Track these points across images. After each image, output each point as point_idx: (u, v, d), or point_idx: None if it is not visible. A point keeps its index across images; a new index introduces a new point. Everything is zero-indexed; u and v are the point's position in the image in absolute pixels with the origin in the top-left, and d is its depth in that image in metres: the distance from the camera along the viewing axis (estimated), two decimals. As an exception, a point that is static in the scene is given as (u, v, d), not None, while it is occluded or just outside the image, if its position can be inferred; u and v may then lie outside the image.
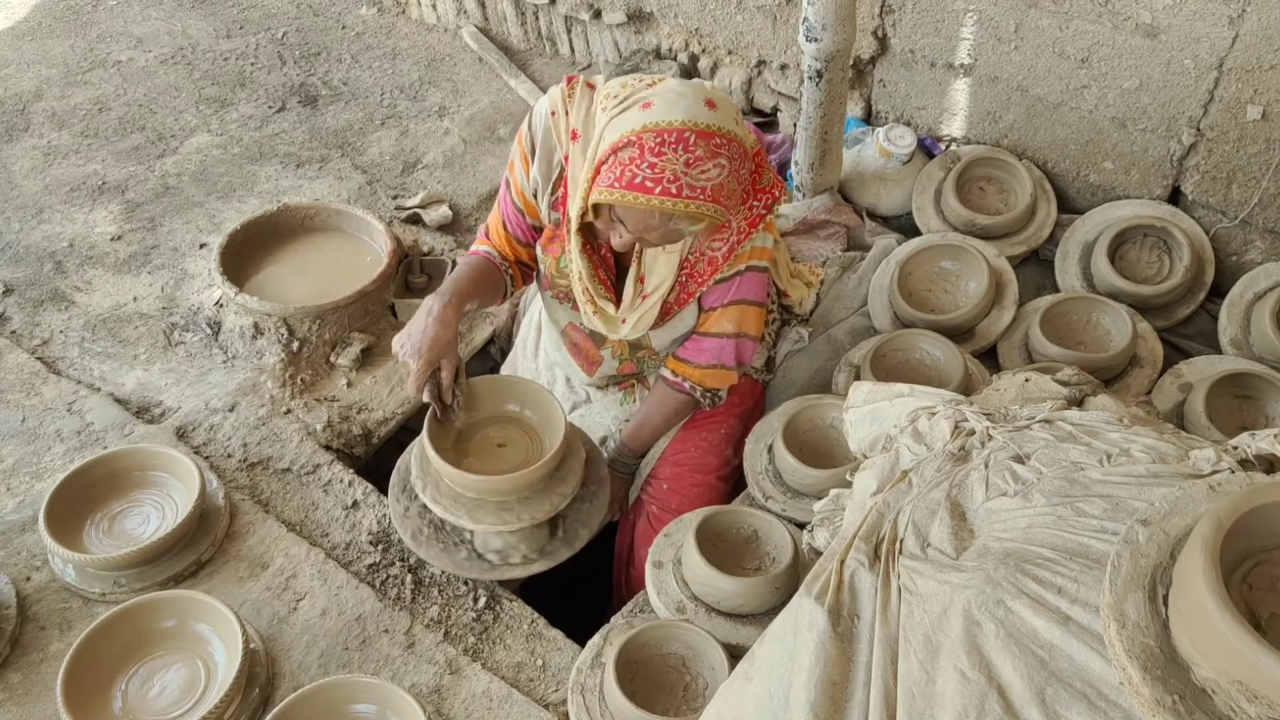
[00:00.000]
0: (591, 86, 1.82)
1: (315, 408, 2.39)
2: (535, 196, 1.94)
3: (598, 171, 1.69)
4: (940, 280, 2.53)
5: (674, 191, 1.61)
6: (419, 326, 1.86)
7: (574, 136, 1.80)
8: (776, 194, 1.89)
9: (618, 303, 1.95)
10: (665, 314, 1.99)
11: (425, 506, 1.94)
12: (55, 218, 2.95)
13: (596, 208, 1.75)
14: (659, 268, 1.91)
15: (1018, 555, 1.33)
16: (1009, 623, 1.26)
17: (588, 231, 1.88)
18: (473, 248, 2.10)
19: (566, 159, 1.84)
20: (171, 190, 3.07)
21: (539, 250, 2.04)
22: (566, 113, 1.82)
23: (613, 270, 1.97)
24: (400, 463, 2.05)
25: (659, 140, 1.62)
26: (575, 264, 1.90)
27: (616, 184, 1.64)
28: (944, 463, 1.57)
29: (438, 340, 1.86)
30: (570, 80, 1.84)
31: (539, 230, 2.01)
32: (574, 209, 1.82)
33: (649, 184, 1.61)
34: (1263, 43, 2.22)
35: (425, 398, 1.88)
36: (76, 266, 2.79)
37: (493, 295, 2.04)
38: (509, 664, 1.93)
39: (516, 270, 2.07)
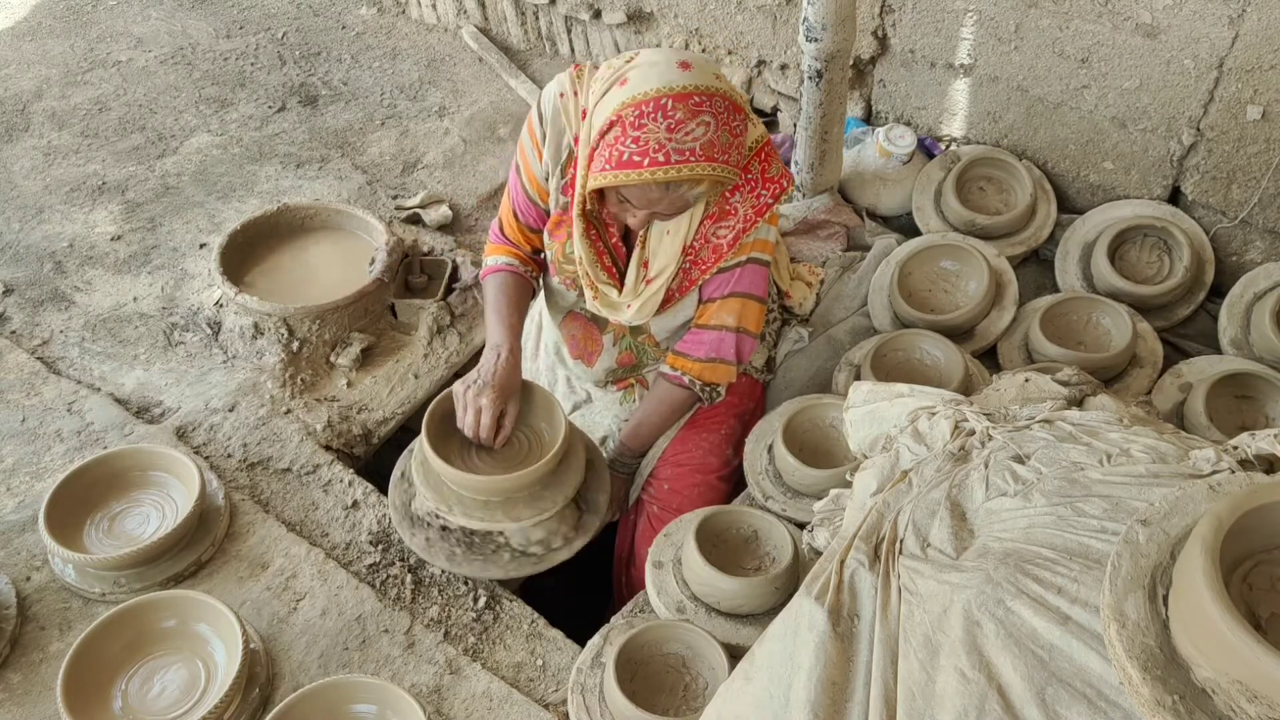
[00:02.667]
0: (598, 68, 1.84)
1: (315, 408, 2.39)
2: (547, 180, 1.95)
3: (592, 158, 1.71)
4: (940, 280, 2.53)
5: (662, 160, 1.62)
6: (488, 368, 1.89)
7: (583, 115, 1.81)
8: (785, 184, 1.90)
9: (621, 287, 1.96)
10: (668, 300, 1.99)
11: (445, 529, 1.96)
12: (55, 218, 2.95)
13: (603, 193, 1.77)
14: (663, 252, 1.91)
15: (1018, 555, 1.33)
16: (1009, 623, 1.26)
17: (592, 218, 1.89)
18: (489, 260, 2.10)
19: (576, 140, 1.84)
20: (171, 190, 3.07)
21: (545, 236, 2.04)
22: (576, 93, 1.84)
23: (621, 256, 1.97)
24: (397, 499, 2.03)
25: (638, 114, 1.63)
26: (579, 251, 1.91)
27: (608, 166, 1.66)
28: (944, 463, 1.57)
29: (510, 382, 1.91)
30: (578, 65, 1.87)
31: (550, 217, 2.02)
32: (575, 197, 1.83)
33: (636, 159, 1.63)
34: (1263, 43, 2.22)
35: (482, 435, 1.88)
36: (76, 266, 2.79)
37: (528, 305, 2.12)
38: (509, 664, 1.93)
39: (535, 266, 2.11)
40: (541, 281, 2.18)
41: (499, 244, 2.11)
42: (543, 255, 2.10)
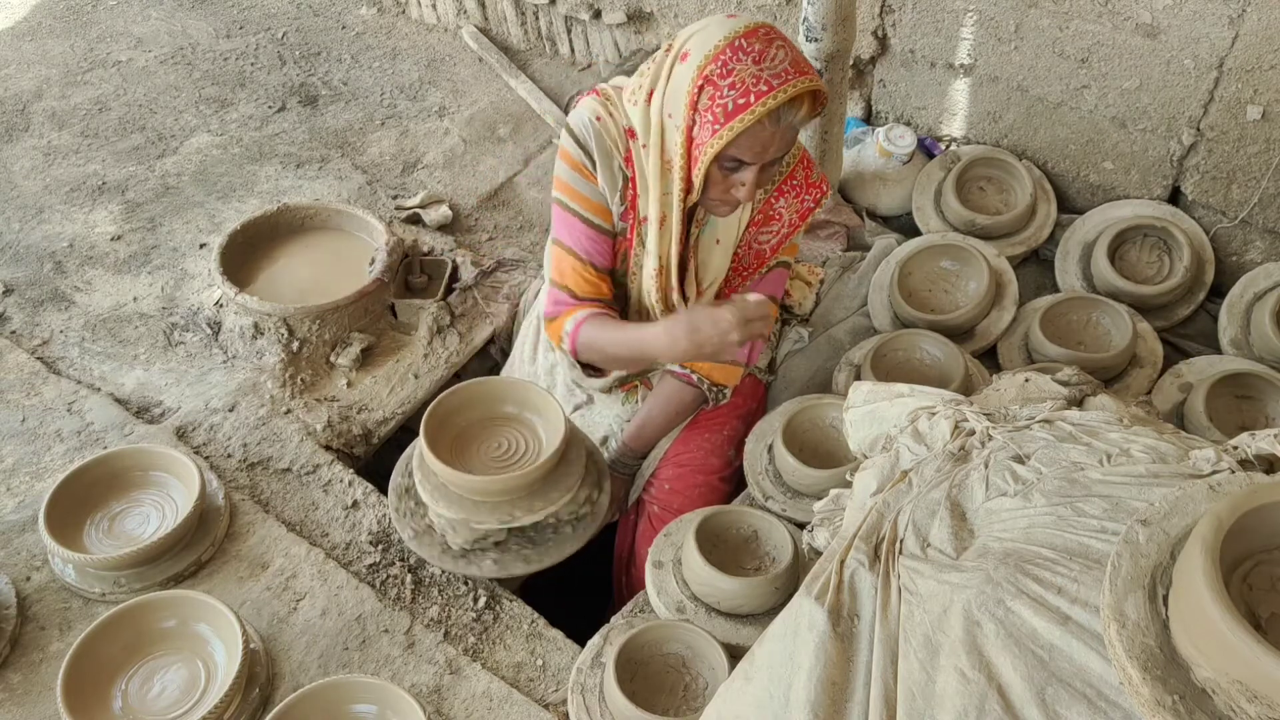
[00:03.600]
0: (617, 90, 1.84)
1: (315, 408, 2.39)
2: (609, 203, 1.89)
3: (691, 138, 1.69)
4: (940, 280, 2.53)
5: (765, 90, 1.61)
6: (705, 325, 1.74)
7: (630, 134, 1.80)
8: (825, 189, 1.92)
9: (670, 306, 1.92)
10: None
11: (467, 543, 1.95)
12: (55, 218, 2.95)
13: (708, 173, 1.73)
14: (714, 261, 1.91)
15: (1018, 555, 1.33)
16: (1009, 623, 1.26)
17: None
18: (567, 324, 1.93)
19: (628, 159, 1.82)
20: (171, 190, 3.07)
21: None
22: (611, 115, 1.82)
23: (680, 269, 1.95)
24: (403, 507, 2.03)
25: (720, 65, 1.63)
26: (659, 249, 1.83)
27: (719, 124, 1.64)
28: (944, 463, 1.57)
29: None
30: (596, 91, 1.85)
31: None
32: (649, 207, 1.80)
33: (741, 101, 1.62)
34: (1263, 43, 2.22)
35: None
36: (76, 266, 2.79)
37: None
38: (509, 664, 1.93)
39: (615, 311, 1.98)
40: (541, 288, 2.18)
41: (567, 308, 1.93)
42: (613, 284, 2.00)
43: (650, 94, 1.75)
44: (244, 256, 2.63)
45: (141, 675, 1.79)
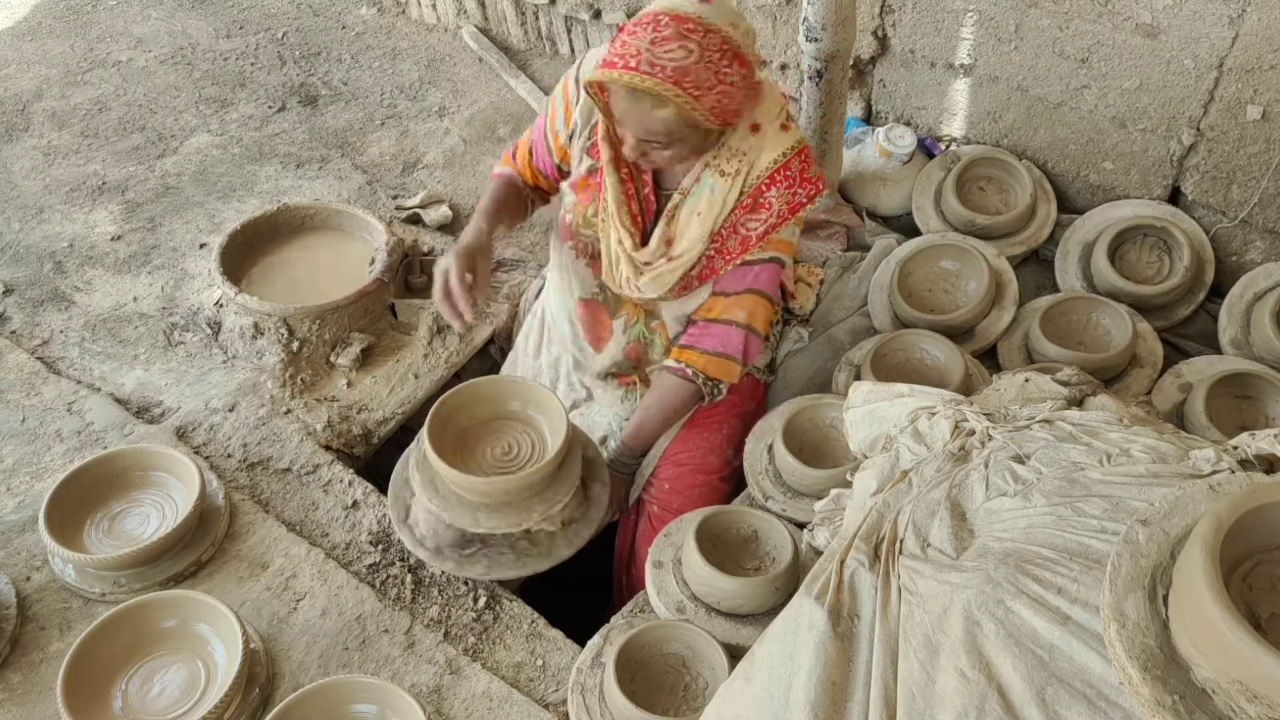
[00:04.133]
0: None
1: (315, 408, 2.39)
2: (570, 140, 2.00)
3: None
4: (940, 280, 2.53)
5: (633, 65, 1.66)
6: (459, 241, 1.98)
7: None
8: (820, 186, 1.93)
9: (641, 242, 1.99)
10: (685, 286, 2.01)
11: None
12: (55, 218, 2.95)
13: (612, 122, 1.83)
14: (690, 232, 1.93)
15: (1018, 555, 1.33)
16: (1009, 623, 1.26)
17: (630, 166, 1.94)
18: (497, 169, 2.21)
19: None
20: (171, 190, 3.07)
21: (568, 195, 2.09)
22: None
23: (650, 212, 1.99)
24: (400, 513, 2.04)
25: (635, 23, 1.70)
26: (607, 183, 1.94)
27: (599, 66, 1.72)
28: (944, 463, 1.57)
29: (477, 244, 1.96)
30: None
31: (560, 172, 2.10)
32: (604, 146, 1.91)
33: (616, 60, 1.68)
34: (1263, 43, 2.22)
35: (453, 290, 1.90)
36: (76, 266, 2.79)
37: (518, 215, 2.19)
38: (509, 664, 1.93)
39: (536, 195, 2.20)
40: (549, 267, 2.19)
41: (508, 162, 2.20)
42: (543, 193, 2.20)
43: None
44: (244, 256, 2.63)
45: (141, 675, 1.79)
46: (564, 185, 2.11)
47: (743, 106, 1.79)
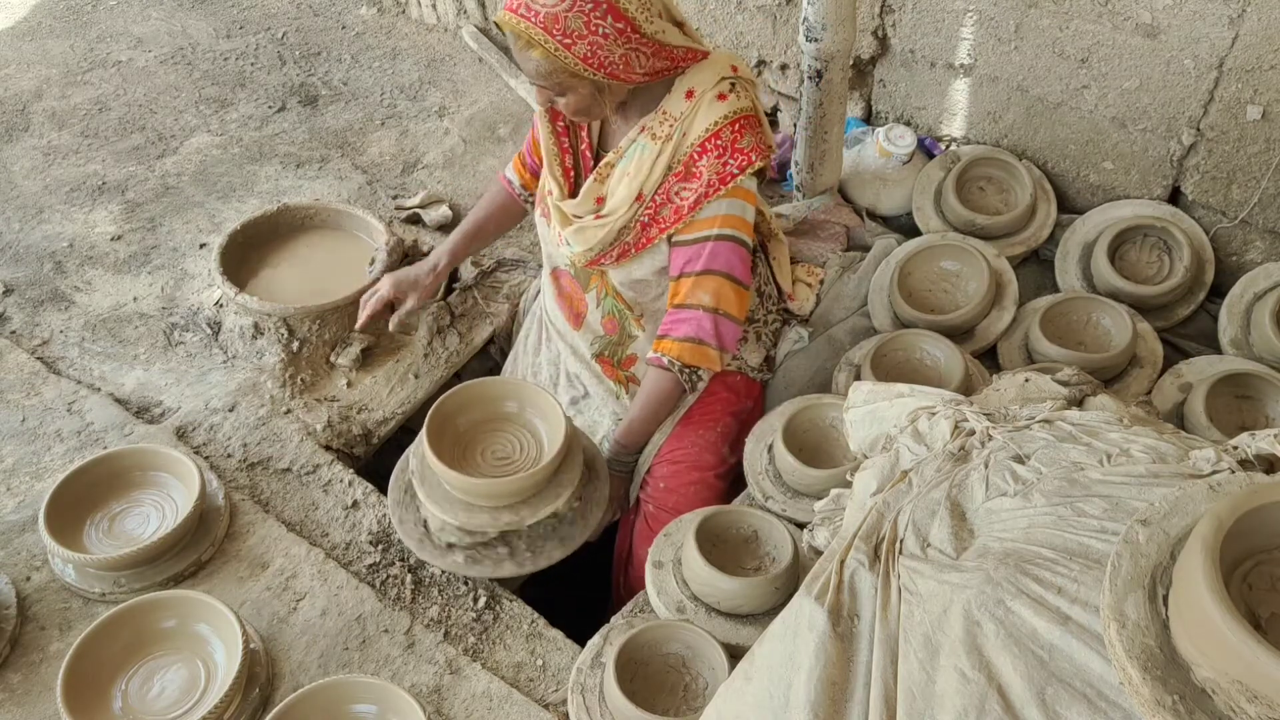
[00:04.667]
0: None
1: (315, 408, 2.39)
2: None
3: None
4: (940, 280, 2.53)
5: (514, 8, 1.76)
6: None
7: None
8: (754, 158, 1.93)
9: (571, 193, 2.09)
10: (624, 254, 2.05)
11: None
12: (55, 218, 2.95)
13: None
14: (619, 192, 1.99)
15: (1018, 555, 1.33)
16: (1009, 623, 1.26)
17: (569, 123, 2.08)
18: (505, 172, 2.41)
19: None
20: (171, 190, 3.07)
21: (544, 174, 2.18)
22: None
23: (588, 168, 2.09)
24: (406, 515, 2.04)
25: None
26: (540, 131, 2.08)
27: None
28: (944, 463, 1.57)
29: (411, 277, 2.37)
30: None
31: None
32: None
33: (509, 2, 1.78)
34: (1263, 43, 2.22)
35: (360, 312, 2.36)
36: (76, 266, 2.79)
37: (504, 226, 2.49)
38: (509, 664, 1.93)
39: (532, 199, 2.36)
40: (539, 286, 2.22)
41: (516, 162, 2.37)
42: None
43: None
44: (244, 256, 2.63)
45: (141, 675, 1.79)
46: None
47: (628, 61, 1.82)
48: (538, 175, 2.25)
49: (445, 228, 2.93)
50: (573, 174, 2.10)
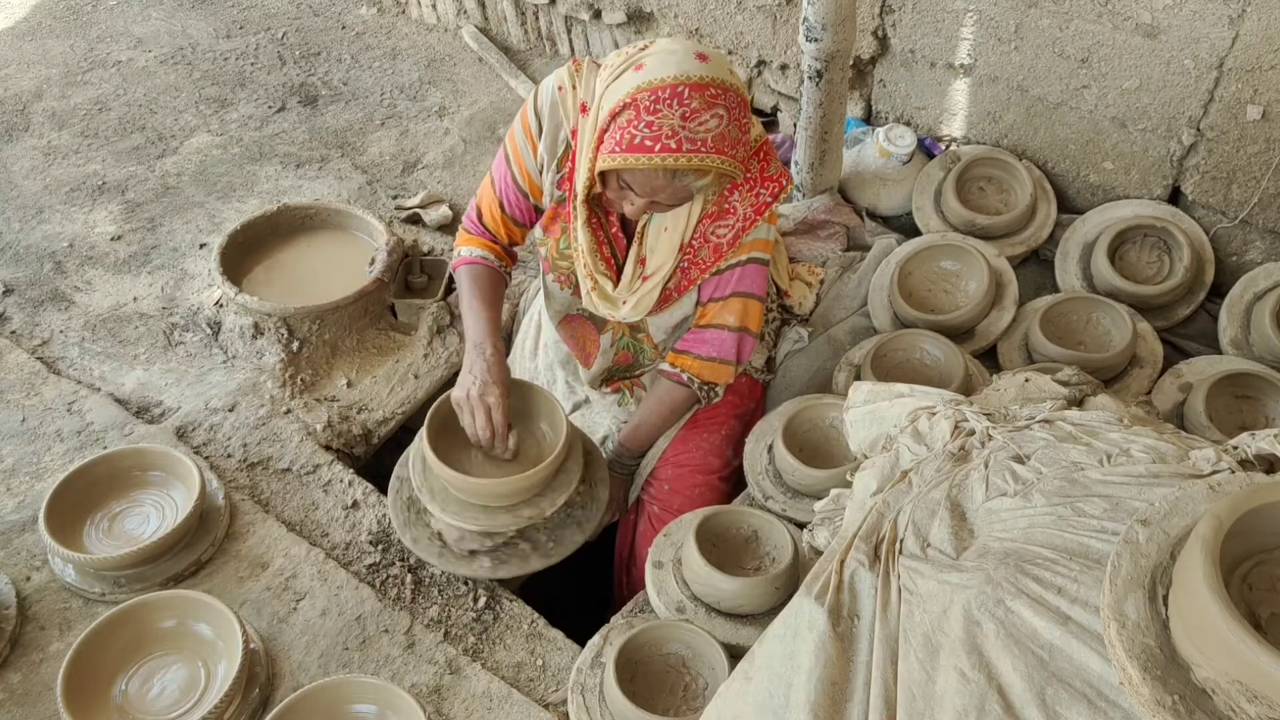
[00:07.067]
0: (598, 64, 1.83)
1: (315, 408, 2.39)
2: (541, 174, 1.95)
3: (600, 140, 1.71)
4: (940, 280, 2.53)
5: (674, 147, 1.62)
6: (481, 367, 1.89)
7: (583, 109, 1.81)
8: (783, 183, 1.90)
9: (617, 280, 1.96)
10: (665, 299, 1.99)
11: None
12: (55, 218, 2.95)
13: (605, 178, 1.76)
14: (660, 249, 1.91)
15: (1018, 555, 1.33)
16: (1009, 623, 1.26)
17: (594, 206, 1.89)
18: (463, 250, 2.07)
19: (574, 133, 1.85)
20: (171, 190, 3.07)
21: (539, 232, 2.04)
22: (574, 87, 1.84)
23: (621, 247, 1.97)
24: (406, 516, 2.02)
25: (654, 98, 1.63)
26: (579, 238, 1.90)
27: (618, 148, 1.65)
28: (944, 463, 1.58)
29: (506, 377, 1.92)
30: (576, 61, 1.87)
31: (539, 212, 2.02)
32: (580, 181, 1.82)
33: (648, 143, 1.63)
34: (1263, 43, 2.22)
35: (496, 430, 1.89)
36: (76, 266, 2.79)
37: (502, 300, 2.10)
38: (509, 664, 1.93)
39: (508, 260, 2.11)
40: (541, 283, 2.18)
41: (475, 234, 2.07)
42: (516, 249, 2.11)
43: (612, 80, 1.76)
44: (244, 256, 2.63)
45: (141, 675, 1.79)
46: (536, 230, 2.06)
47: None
48: (524, 223, 2.06)
49: (445, 228, 2.93)
50: (612, 260, 1.97)
